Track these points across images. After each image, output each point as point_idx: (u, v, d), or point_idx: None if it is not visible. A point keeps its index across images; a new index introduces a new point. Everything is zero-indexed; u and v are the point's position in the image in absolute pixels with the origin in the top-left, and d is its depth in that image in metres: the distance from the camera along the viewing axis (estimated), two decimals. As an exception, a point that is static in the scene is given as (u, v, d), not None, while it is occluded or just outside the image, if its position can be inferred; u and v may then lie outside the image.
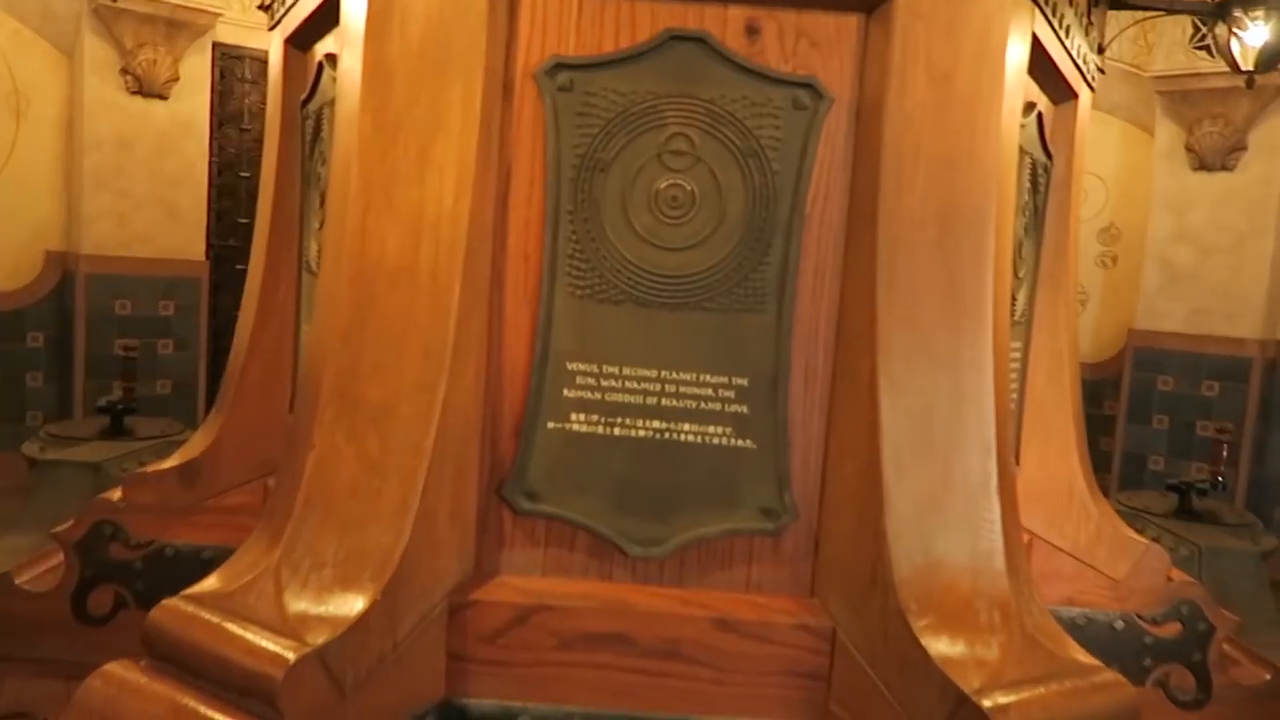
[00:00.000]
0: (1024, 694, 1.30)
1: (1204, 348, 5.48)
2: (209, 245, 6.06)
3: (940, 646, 1.37)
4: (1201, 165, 5.43)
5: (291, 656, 1.24)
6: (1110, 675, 1.39)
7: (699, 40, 1.54)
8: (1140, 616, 2.15)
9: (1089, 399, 6.03)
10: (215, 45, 5.93)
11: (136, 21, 5.50)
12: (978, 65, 1.49)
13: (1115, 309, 5.96)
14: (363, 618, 1.34)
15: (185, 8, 5.59)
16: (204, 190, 5.98)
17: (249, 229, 6.70)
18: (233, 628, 1.30)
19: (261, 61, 6.08)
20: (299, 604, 1.35)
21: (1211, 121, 5.31)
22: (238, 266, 6.10)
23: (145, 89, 5.67)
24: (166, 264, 5.83)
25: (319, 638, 1.29)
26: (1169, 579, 2.17)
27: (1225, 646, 2.20)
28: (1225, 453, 3.66)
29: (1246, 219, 5.31)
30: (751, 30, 1.55)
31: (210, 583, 1.42)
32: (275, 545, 1.43)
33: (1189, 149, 5.44)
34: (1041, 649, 1.40)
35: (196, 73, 5.85)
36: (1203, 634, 2.13)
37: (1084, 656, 1.43)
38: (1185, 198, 5.47)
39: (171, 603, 1.37)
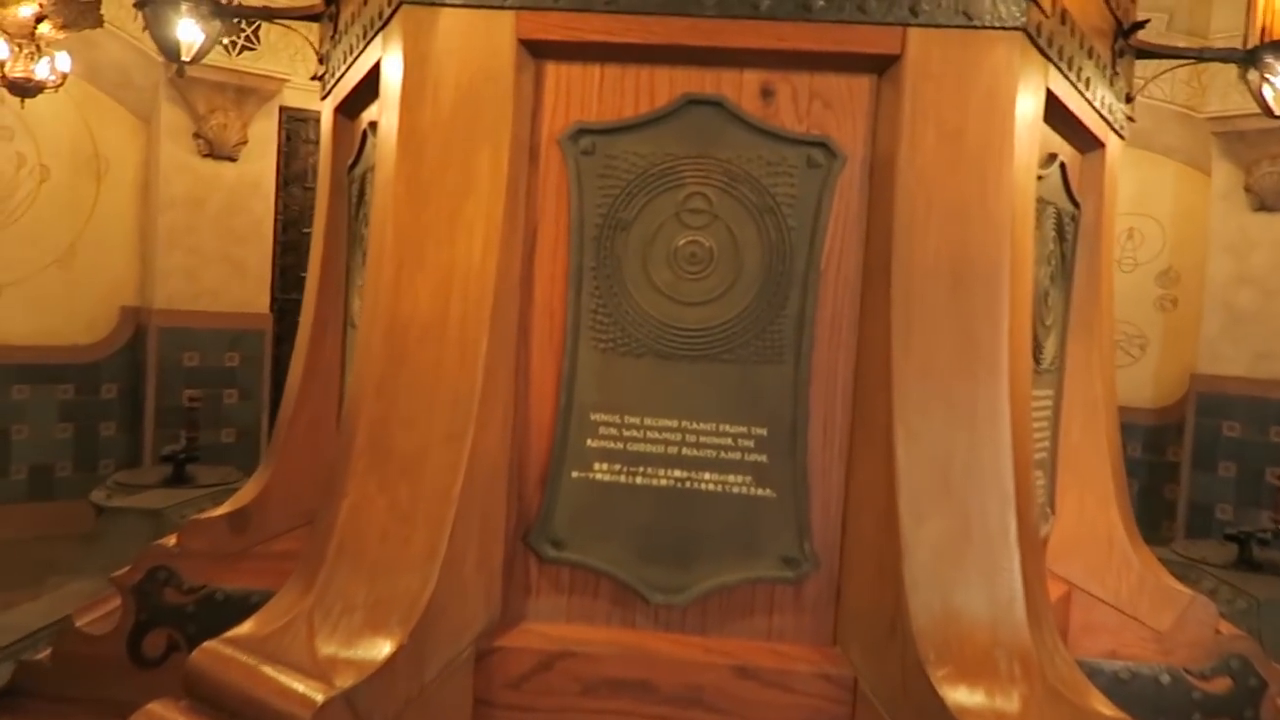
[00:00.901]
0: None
1: (1271, 392, 5.32)
2: (273, 299, 6.28)
3: (959, 697, 1.37)
4: (1262, 206, 5.32)
5: (319, 698, 1.29)
6: (1135, 729, 1.37)
7: (716, 104, 1.61)
8: (1188, 671, 2.09)
9: (1152, 446, 5.88)
10: (282, 109, 6.21)
11: (209, 89, 5.79)
12: (986, 121, 1.53)
13: (1176, 353, 5.83)
14: (390, 661, 1.39)
15: (254, 74, 5.87)
16: (269, 246, 6.23)
17: (310, 283, 6.78)
18: (266, 670, 1.36)
19: (325, 123, 6.35)
20: (329, 647, 1.41)
21: (1271, 162, 5.22)
22: (299, 318, 6.32)
23: (216, 152, 5.95)
24: (232, 317, 6.06)
25: (347, 680, 1.34)
26: (1218, 631, 2.12)
27: (1279, 702, 2.13)
28: (1286, 499, 3.54)
29: (1308, 259, 5.19)
30: (766, 93, 1.61)
31: (248, 626, 1.49)
32: (309, 591, 1.50)
33: (1248, 189, 5.34)
34: (1064, 701, 1.39)
35: (264, 135, 6.12)
36: (1254, 689, 2.07)
37: (1108, 709, 1.41)
38: (1246, 239, 5.36)
39: (211, 645, 1.43)
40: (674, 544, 1.62)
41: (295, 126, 6.38)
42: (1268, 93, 2.18)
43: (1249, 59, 2.17)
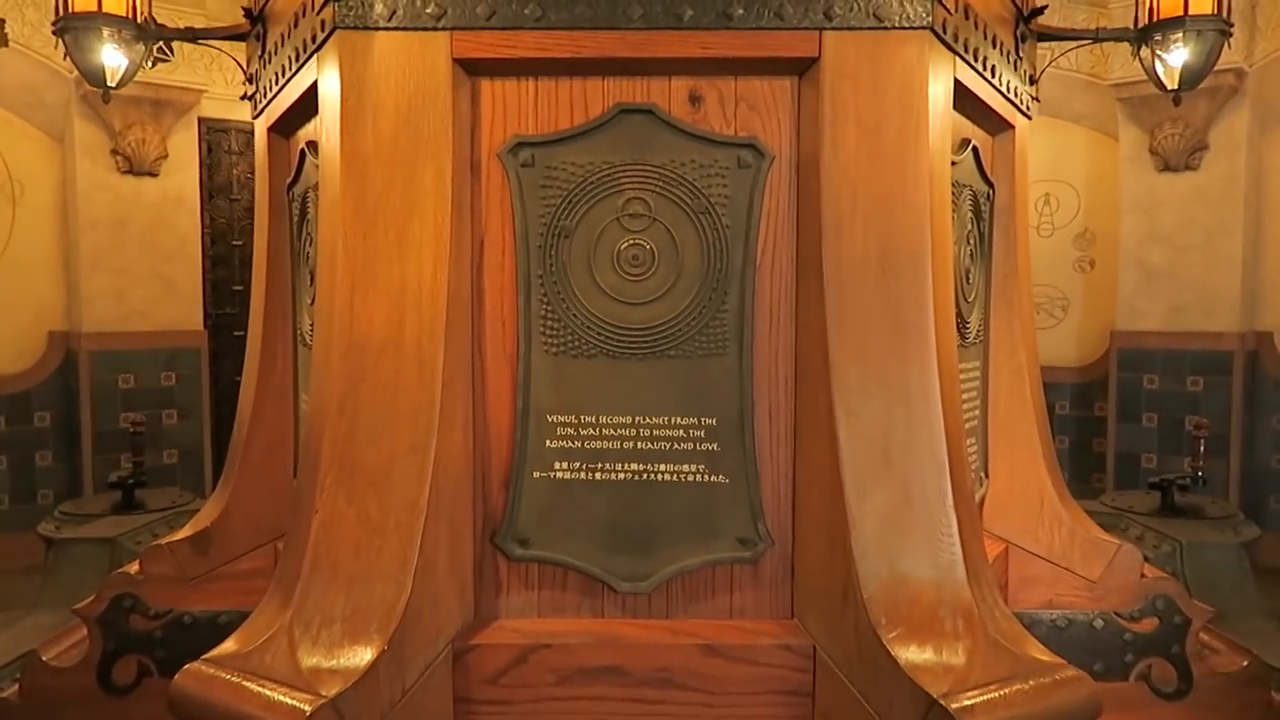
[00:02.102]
0: (989, 694, 1.41)
1: (1186, 344, 5.58)
2: (206, 314, 6.19)
3: (909, 655, 1.47)
4: (1166, 167, 5.56)
5: (307, 709, 1.35)
6: (1072, 672, 1.49)
7: (648, 112, 1.68)
8: (1118, 614, 2.24)
9: (1080, 402, 6.13)
10: (201, 120, 6.09)
11: (124, 103, 5.65)
12: (902, 115, 1.63)
13: (1097, 312, 6.07)
14: (372, 668, 1.45)
15: (170, 86, 5.75)
16: (198, 261, 6.12)
17: (244, 296, 6.75)
18: (251, 686, 1.41)
19: (246, 133, 6.24)
20: (312, 659, 1.46)
21: (1172, 124, 5.45)
22: (235, 333, 6.23)
23: (135, 168, 5.82)
24: (166, 335, 5.95)
25: (332, 689, 1.39)
26: (1144, 576, 2.27)
27: (1203, 636, 2.29)
28: (1203, 447, 3.75)
29: (1214, 216, 5.44)
30: (694, 99, 1.69)
31: (229, 645, 1.53)
32: (287, 606, 1.54)
33: (1153, 151, 5.57)
34: (1005, 651, 1.50)
35: (184, 148, 6.00)
36: (1179, 626, 2.22)
37: (1046, 655, 1.53)
38: (1154, 199, 5.61)
39: (194, 666, 1.47)
40: (635, 534, 1.71)
41: (216, 138, 6.27)
42: (1159, 68, 2.32)
43: (1140, 37, 2.31)
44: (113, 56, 2.45)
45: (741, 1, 1.61)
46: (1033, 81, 2.30)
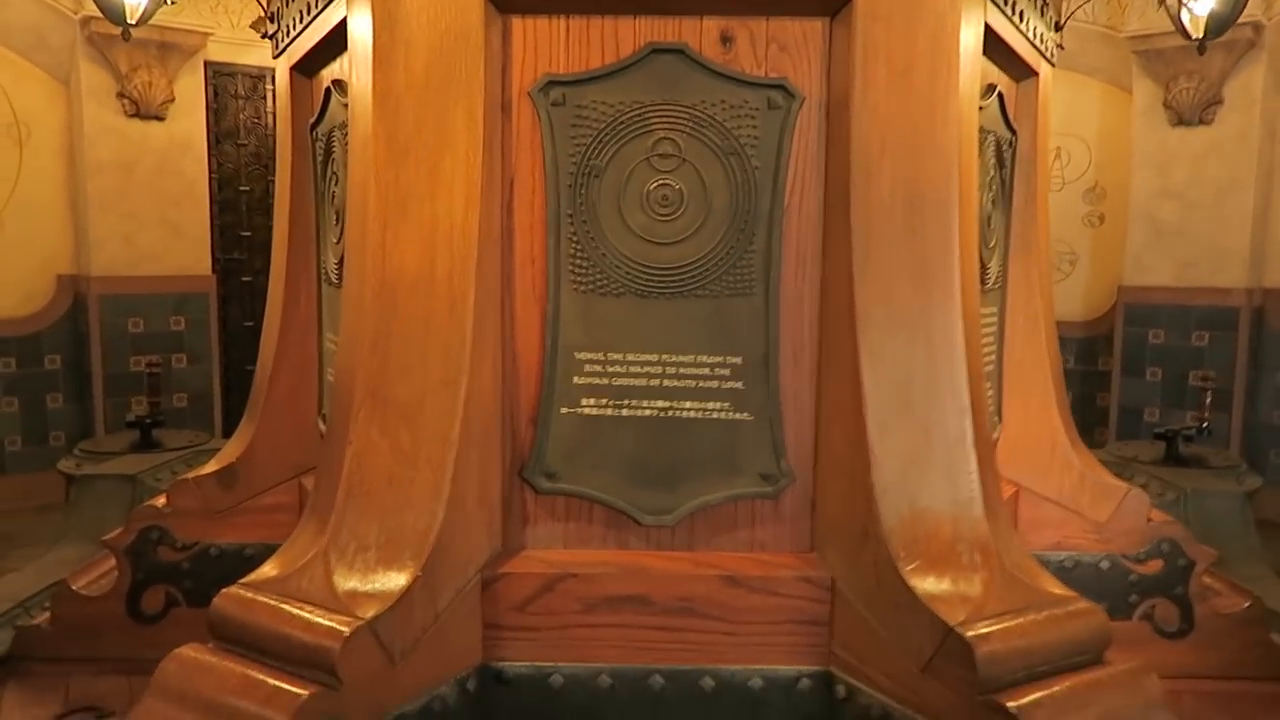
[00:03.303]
0: (1004, 624, 1.46)
1: (1192, 300, 5.59)
2: (214, 260, 6.20)
3: (927, 586, 1.52)
4: (1180, 121, 5.53)
5: (346, 630, 1.40)
6: (1084, 604, 1.54)
7: (679, 51, 1.68)
8: (1124, 556, 2.30)
9: (1085, 356, 6.17)
10: (207, 64, 6.04)
11: (129, 46, 5.59)
12: (933, 58, 1.63)
13: (1105, 267, 6.08)
14: (406, 593, 1.50)
15: (176, 29, 5.70)
16: (205, 207, 6.11)
17: (252, 242, 6.75)
18: (290, 608, 1.46)
19: (253, 77, 6.20)
20: (348, 583, 1.51)
21: (1187, 78, 5.42)
22: (243, 279, 6.24)
23: (142, 111, 5.79)
24: (174, 280, 5.97)
25: (369, 612, 1.44)
26: (1150, 520, 2.32)
27: (1206, 579, 2.35)
28: (1209, 399, 3.79)
29: (1226, 171, 5.42)
30: (725, 39, 1.69)
31: (266, 570, 1.58)
32: (322, 533, 1.59)
33: (1167, 106, 5.54)
34: (1020, 583, 1.55)
35: (190, 92, 5.97)
36: (1183, 568, 2.28)
37: (1059, 589, 1.58)
38: (1166, 154, 5.58)
39: (232, 590, 1.52)
40: (660, 469, 1.75)
41: (222, 81, 6.22)
42: (1185, 16, 2.31)
43: (1167, -15, 2.30)
44: (133, -8, 2.44)
45: (776, -60, 1.60)
46: (1058, 28, 2.30)
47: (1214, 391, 4.43)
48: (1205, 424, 3.76)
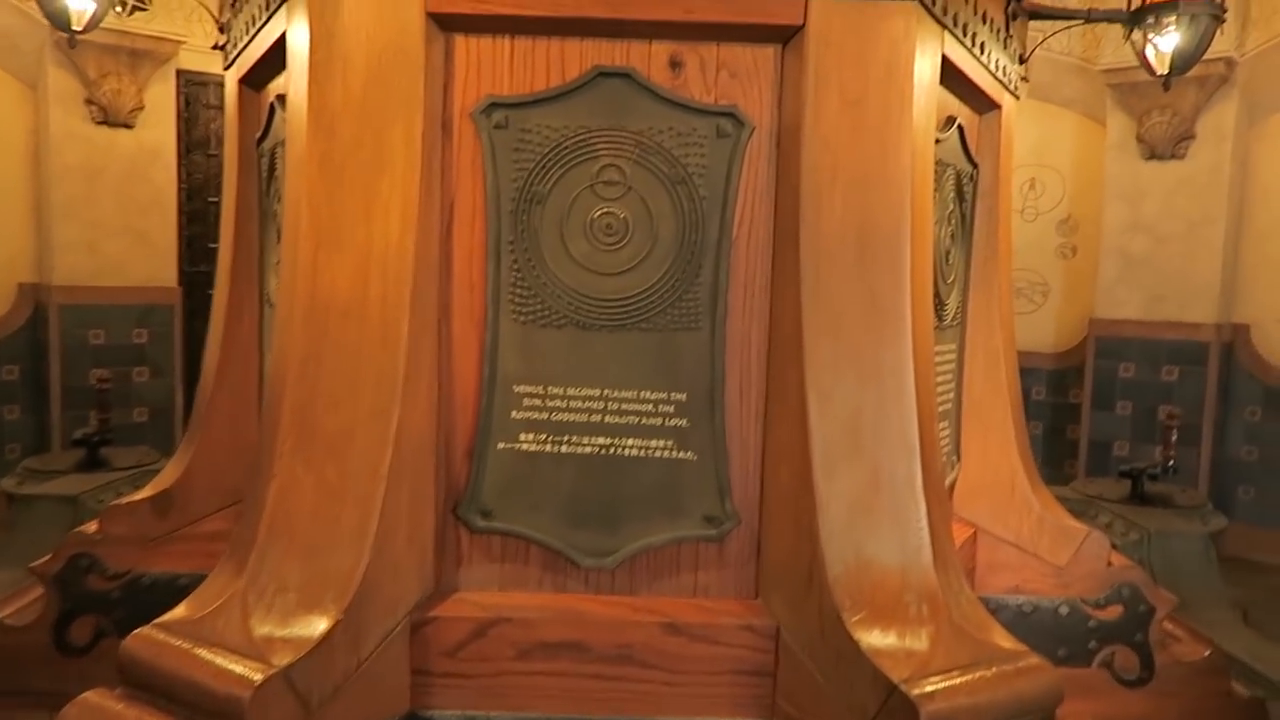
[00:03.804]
0: (950, 681, 1.39)
1: (1162, 334, 5.59)
2: (181, 272, 6.09)
3: (872, 640, 1.46)
4: (1153, 155, 5.55)
5: (258, 678, 1.32)
6: (1034, 659, 1.48)
7: (626, 75, 1.63)
8: (1084, 601, 2.24)
9: (1056, 388, 6.15)
10: (179, 73, 5.96)
11: (99, 52, 5.52)
12: (886, 89, 1.59)
13: (1077, 299, 6.08)
14: (326, 638, 1.42)
15: (147, 36, 5.62)
16: (173, 217, 6.01)
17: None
18: (202, 653, 1.38)
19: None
20: (264, 627, 1.43)
21: (1160, 112, 5.44)
22: (209, 291, 6.12)
23: (111, 118, 5.70)
24: (139, 292, 5.86)
25: (284, 659, 1.36)
26: (1110, 564, 2.27)
27: (1166, 625, 2.30)
28: (1175, 437, 3.76)
29: (1198, 206, 5.43)
30: (675, 64, 1.64)
31: (179, 611, 1.50)
32: (241, 572, 1.51)
33: (1139, 139, 5.55)
34: (968, 637, 1.49)
35: (161, 101, 5.88)
36: (1143, 615, 2.23)
37: (1010, 642, 1.52)
38: (1138, 187, 5.60)
39: (143, 631, 1.44)
40: (600, 508, 1.68)
41: (194, 91, 6.14)
42: (1150, 53, 2.29)
43: (1133, 20, 2.27)
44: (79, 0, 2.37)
45: (727, -36, 1.56)
46: (1022, 61, 2.27)
47: (1183, 427, 4.40)
48: (1171, 462, 3.73)
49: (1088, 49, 5.54)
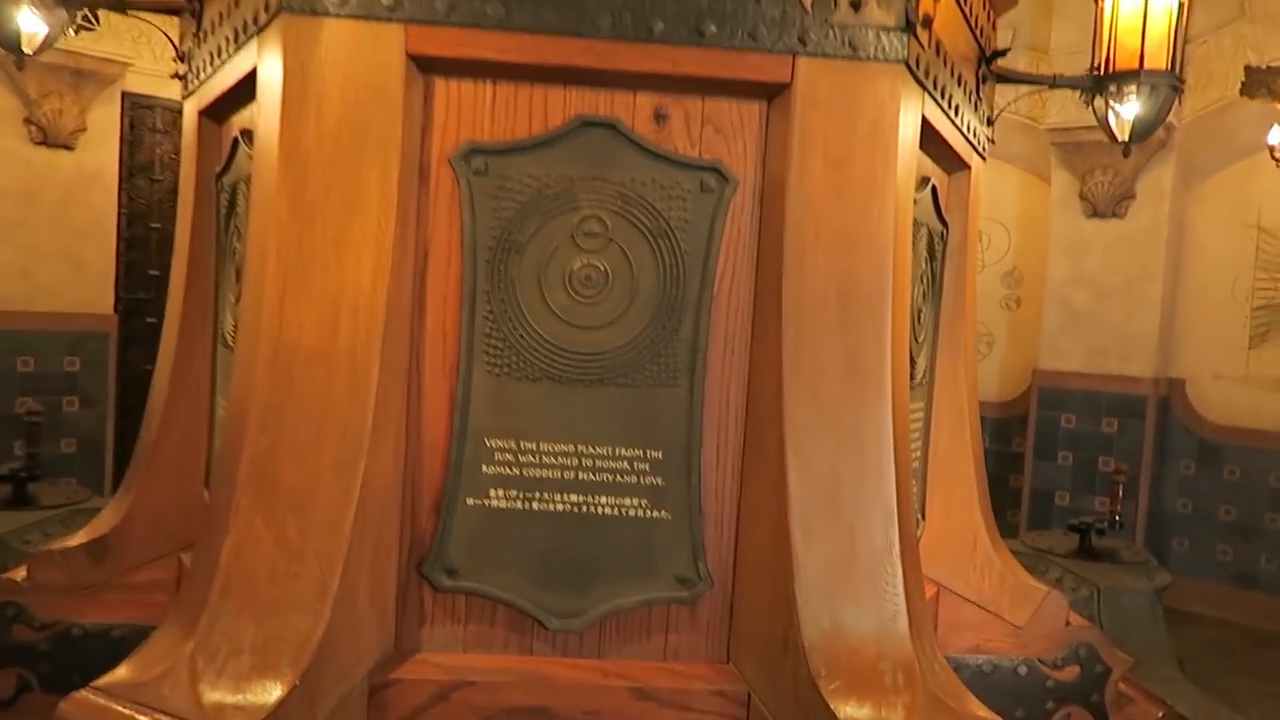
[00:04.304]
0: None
1: (1103, 386, 5.73)
2: (118, 299, 5.89)
3: (849, 710, 1.42)
4: (1095, 213, 5.71)
5: (207, 751, 1.24)
6: (1009, 731, 1.46)
7: (610, 126, 1.61)
8: (1042, 661, 2.24)
9: (999, 437, 6.25)
10: (125, 95, 5.81)
11: (41, 71, 5.35)
12: (871, 149, 1.59)
13: (1020, 349, 6.21)
14: (281, 705, 1.34)
15: (93, 57, 5.47)
16: (112, 242, 5.82)
17: (160, 281, 6.45)
18: (146, 721, 1.29)
19: (173, 111, 5.98)
20: (215, 694, 1.34)
21: (1102, 171, 5.61)
22: (148, 319, 5.94)
23: (50, 139, 5.52)
24: (72, 318, 5.65)
25: (235, 729, 1.28)
26: (1068, 623, 2.28)
27: (1121, 686, 2.31)
28: (1121, 492, 3.84)
29: (1137, 263, 5.60)
30: (659, 116, 1.63)
31: (121, 672, 1.40)
32: (190, 634, 1.42)
33: (1082, 197, 5.72)
34: (945, 707, 1.46)
35: (105, 123, 5.72)
36: (1099, 675, 2.24)
37: (984, 712, 1.50)
38: (1080, 243, 5.75)
39: (82, 695, 1.34)
40: (571, 568, 1.63)
41: (140, 114, 5.99)
42: (1111, 119, 2.34)
43: (1096, 87, 2.32)
44: (31, 21, 2.28)
45: (715, 19, 1.54)
46: (990, 123, 2.30)
47: (1127, 481, 4.49)
48: (1117, 517, 3.79)
49: (1034, 108, 5.71)
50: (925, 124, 1.80)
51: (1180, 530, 5.65)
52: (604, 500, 1.63)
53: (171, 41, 2.37)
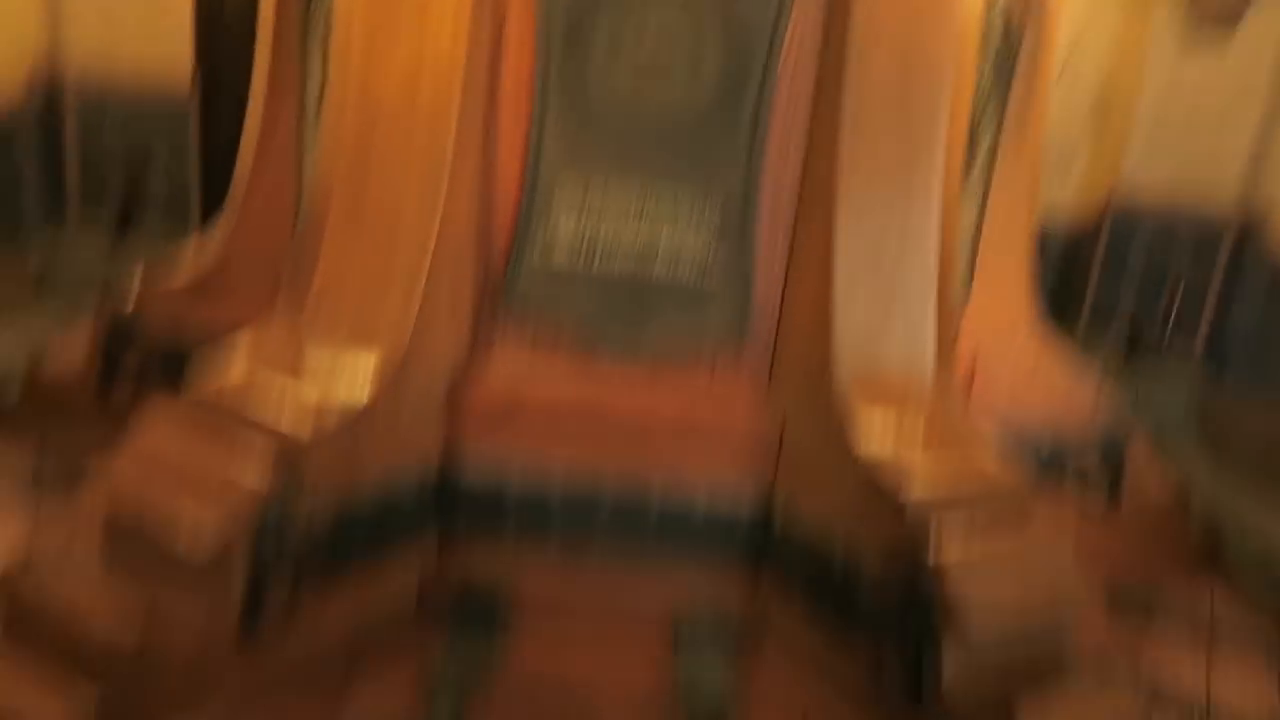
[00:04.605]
0: (931, 453, 1.56)
1: (1182, 207, 5.58)
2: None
3: (875, 449, 1.59)
4: (1201, 24, 5.37)
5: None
6: (1014, 468, 1.62)
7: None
8: (1069, 436, 2.39)
9: (1067, 255, 6.17)
10: None
11: None
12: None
13: (1101, 167, 6.02)
14: (369, 408, 1.55)
15: None
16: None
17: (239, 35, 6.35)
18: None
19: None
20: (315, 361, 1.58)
21: (1215, -25, 5.25)
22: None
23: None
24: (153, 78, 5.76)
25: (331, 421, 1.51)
26: (1098, 410, 2.41)
27: (1140, 463, 2.47)
28: (1179, 299, 3.84)
29: (1237, 79, 5.31)
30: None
31: (219, 377, 1.59)
32: (299, 312, 1.64)
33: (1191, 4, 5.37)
34: (958, 434, 1.63)
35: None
36: (1120, 451, 2.38)
37: (995, 441, 1.67)
38: (1177, 58, 5.45)
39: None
40: (630, 304, 1.79)
41: None
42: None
43: None
44: None
45: None
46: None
47: (1187, 296, 4.46)
48: (1171, 325, 3.83)
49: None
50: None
51: (1243, 355, 5.62)
52: (664, 243, 1.77)
53: None
